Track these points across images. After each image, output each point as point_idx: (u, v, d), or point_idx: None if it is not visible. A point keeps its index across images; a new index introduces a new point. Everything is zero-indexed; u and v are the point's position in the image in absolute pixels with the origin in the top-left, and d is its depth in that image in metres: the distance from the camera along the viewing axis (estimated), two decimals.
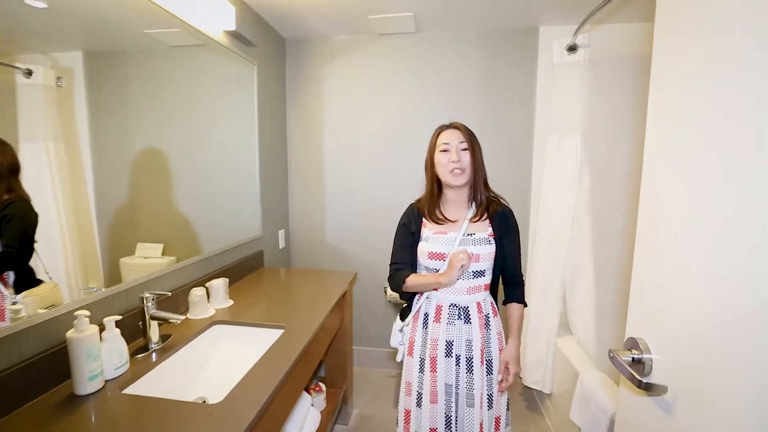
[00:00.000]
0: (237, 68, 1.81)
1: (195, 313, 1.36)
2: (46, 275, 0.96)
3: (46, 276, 0.96)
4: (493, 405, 1.22)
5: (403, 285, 1.23)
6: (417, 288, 1.24)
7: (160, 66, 1.37)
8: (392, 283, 1.28)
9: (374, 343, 2.50)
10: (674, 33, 0.66)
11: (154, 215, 1.36)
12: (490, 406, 1.22)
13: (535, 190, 2.18)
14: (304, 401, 1.53)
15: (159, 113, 1.36)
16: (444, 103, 2.22)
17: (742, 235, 0.52)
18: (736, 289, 0.52)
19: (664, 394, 0.66)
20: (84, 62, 1.07)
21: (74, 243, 1.05)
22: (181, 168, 1.47)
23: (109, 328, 0.97)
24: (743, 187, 0.51)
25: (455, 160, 1.17)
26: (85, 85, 1.07)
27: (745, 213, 0.51)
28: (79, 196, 1.07)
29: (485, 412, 1.21)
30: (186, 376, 1.16)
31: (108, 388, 0.93)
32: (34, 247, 0.93)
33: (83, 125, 1.08)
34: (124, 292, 1.16)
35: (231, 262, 1.77)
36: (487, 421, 1.21)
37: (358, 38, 2.25)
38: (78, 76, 1.06)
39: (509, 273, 1.28)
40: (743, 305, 0.51)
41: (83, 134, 1.08)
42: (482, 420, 1.20)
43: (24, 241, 0.91)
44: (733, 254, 0.53)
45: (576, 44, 1.82)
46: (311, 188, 2.43)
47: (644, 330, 0.74)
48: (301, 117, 2.38)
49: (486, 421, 1.21)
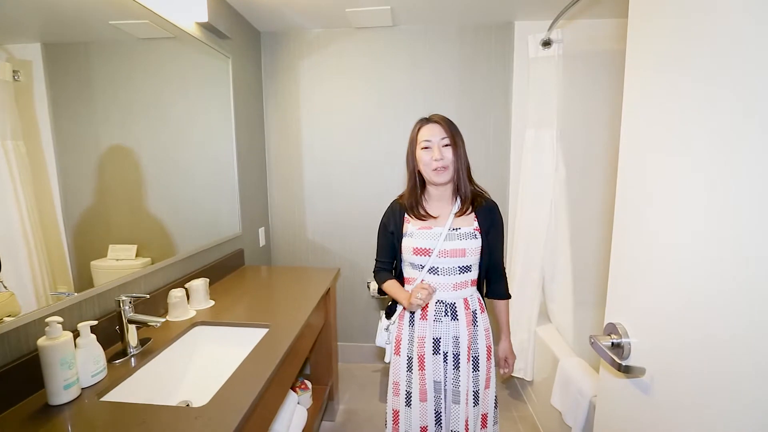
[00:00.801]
0: (211, 62, 1.75)
1: (175, 315, 1.32)
2: (0, 284, 0.89)
3: (0, 285, 0.89)
4: (479, 402, 1.21)
5: (382, 286, 1.32)
6: (390, 295, 1.30)
7: (128, 59, 1.30)
8: (375, 278, 1.35)
9: (358, 339, 2.50)
10: (646, 26, 0.69)
11: (125, 215, 1.31)
12: (476, 403, 1.21)
13: (514, 182, 2.23)
14: (291, 399, 1.52)
15: (128, 109, 1.30)
16: (422, 97, 2.23)
17: (715, 220, 0.54)
18: (710, 273, 0.55)
19: (642, 376, 0.69)
20: (43, 54, 1.00)
21: (39, 247, 0.99)
22: (153, 166, 1.41)
23: (83, 333, 0.93)
24: (715, 172, 0.54)
25: (438, 158, 1.15)
26: (45, 79, 1.01)
27: (717, 198, 0.54)
28: (43, 196, 1.01)
29: (470, 408, 1.20)
30: (168, 380, 1.12)
31: (85, 396, 0.89)
32: None
33: (45, 122, 1.02)
34: (98, 296, 1.11)
35: (210, 262, 1.73)
36: (472, 418, 1.20)
37: (335, 32, 2.22)
38: (37, 70, 0.99)
39: (492, 266, 1.28)
40: (717, 288, 0.54)
41: (45, 131, 1.02)
42: (467, 417, 1.19)
43: None
44: (707, 239, 0.56)
45: (550, 39, 1.86)
46: (291, 184, 2.40)
47: (623, 315, 0.76)
48: (279, 111, 2.34)
49: (471, 418, 1.20)
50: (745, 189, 0.50)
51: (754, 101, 0.48)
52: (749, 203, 0.49)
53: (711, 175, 0.54)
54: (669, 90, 0.63)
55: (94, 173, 1.17)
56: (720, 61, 0.53)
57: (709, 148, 0.55)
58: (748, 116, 0.49)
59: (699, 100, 0.56)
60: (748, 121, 0.49)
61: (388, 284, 1.29)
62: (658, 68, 0.65)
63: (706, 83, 0.55)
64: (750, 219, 0.49)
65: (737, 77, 0.50)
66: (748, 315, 0.50)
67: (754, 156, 0.48)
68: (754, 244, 0.49)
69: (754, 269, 0.49)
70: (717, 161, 0.53)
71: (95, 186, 1.18)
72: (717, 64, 0.53)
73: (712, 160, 0.54)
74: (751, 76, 0.49)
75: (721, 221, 0.53)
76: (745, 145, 0.49)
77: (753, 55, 0.48)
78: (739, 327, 0.51)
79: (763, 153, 0.47)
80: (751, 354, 0.49)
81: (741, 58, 0.50)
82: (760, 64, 0.47)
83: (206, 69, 1.72)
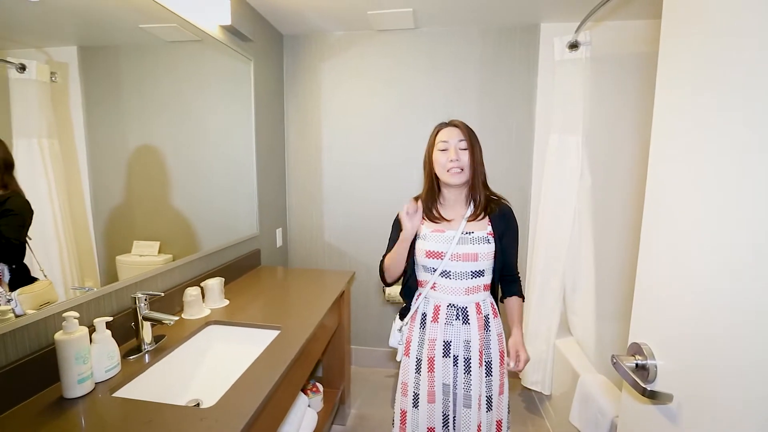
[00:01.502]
0: (233, 64, 1.78)
1: (190, 313, 1.34)
2: (40, 273, 0.94)
3: (41, 273, 0.94)
4: (492, 408, 1.20)
5: (384, 271, 1.29)
6: (393, 261, 1.25)
7: (156, 62, 1.34)
8: (380, 274, 1.33)
9: (372, 343, 2.48)
10: (681, 31, 0.64)
11: (150, 213, 1.34)
12: (489, 408, 1.19)
13: (536, 188, 2.16)
14: (301, 402, 1.52)
15: (155, 109, 1.34)
16: (443, 101, 2.20)
17: (748, 238, 0.49)
18: (743, 293, 0.50)
19: (669, 403, 0.64)
20: (79, 57, 1.05)
21: (69, 240, 1.03)
22: (177, 165, 1.45)
23: (99, 329, 0.95)
24: (751, 189, 0.49)
25: (454, 159, 1.15)
26: (80, 81, 1.06)
27: (752, 216, 0.49)
28: (74, 192, 1.05)
29: (483, 414, 1.19)
30: (180, 378, 1.13)
31: (98, 391, 0.91)
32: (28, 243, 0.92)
33: (78, 121, 1.06)
34: (115, 292, 1.14)
35: (227, 261, 1.75)
36: (485, 424, 1.18)
37: (357, 34, 2.22)
38: (73, 72, 1.04)
39: (506, 270, 1.27)
40: (751, 309, 0.49)
41: (78, 130, 1.06)
42: (480, 422, 1.18)
43: (23, 236, 0.90)
44: (740, 258, 0.51)
45: (578, 41, 1.79)
46: (309, 186, 2.41)
47: (648, 335, 0.71)
48: (299, 114, 2.35)
49: (485, 424, 1.18)
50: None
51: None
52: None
53: (748, 192, 0.50)
54: (705, 98, 0.58)
55: (121, 171, 1.21)
56: (756, 66, 0.48)
57: (748, 164, 0.50)
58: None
59: (740, 109, 0.52)
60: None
61: (388, 256, 1.28)
62: (694, 71, 0.61)
63: (750, 88, 0.50)
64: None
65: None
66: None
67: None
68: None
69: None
70: (755, 177, 0.49)
71: (122, 183, 1.22)
72: (753, 70, 0.49)
73: (749, 176, 0.49)
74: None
75: (757, 240, 0.48)
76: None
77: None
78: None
79: None
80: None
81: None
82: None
83: (229, 71, 1.75)
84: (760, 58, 0.49)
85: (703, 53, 0.59)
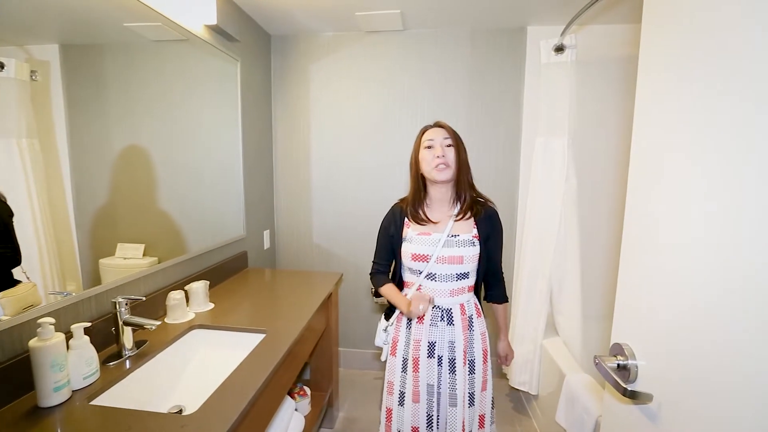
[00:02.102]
0: (220, 64, 1.76)
1: (173, 317, 1.32)
2: (23, 275, 0.92)
3: (24, 276, 0.92)
4: (474, 403, 1.23)
5: (378, 289, 1.33)
6: (388, 299, 1.31)
7: (141, 61, 1.32)
8: (372, 280, 1.36)
9: (361, 345, 2.47)
10: (661, 31, 0.65)
11: (135, 215, 1.32)
12: (471, 404, 1.23)
13: (523, 190, 2.18)
14: (288, 406, 1.50)
15: (140, 109, 1.32)
16: (432, 102, 2.20)
17: (729, 239, 0.50)
18: (724, 295, 0.51)
19: (649, 403, 0.64)
20: (61, 56, 1.03)
21: (50, 243, 1.01)
22: (162, 166, 1.42)
23: (77, 335, 0.92)
24: (732, 190, 0.50)
25: (440, 155, 1.17)
26: (62, 80, 1.03)
27: (733, 217, 0.50)
28: (55, 194, 1.03)
29: (466, 410, 1.22)
30: (162, 384, 1.11)
31: (75, 399, 0.88)
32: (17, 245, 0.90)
33: (60, 121, 1.03)
34: (95, 296, 1.11)
35: (213, 264, 1.72)
36: (468, 419, 1.22)
37: (345, 35, 2.21)
38: (54, 70, 1.02)
39: (491, 272, 1.30)
40: (731, 310, 0.50)
41: (60, 130, 1.04)
42: (464, 418, 1.20)
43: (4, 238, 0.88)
44: (721, 259, 0.51)
45: (563, 45, 1.82)
46: (298, 187, 2.39)
47: (629, 335, 0.72)
48: (287, 115, 2.33)
49: (467, 419, 1.21)
50: (765, 207, 0.46)
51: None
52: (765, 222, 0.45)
53: (729, 193, 0.51)
54: (685, 99, 0.59)
55: (106, 172, 1.19)
56: (734, 66, 0.49)
57: (728, 163, 0.51)
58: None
59: (720, 109, 0.53)
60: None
61: (386, 288, 1.30)
62: (673, 72, 0.62)
63: (730, 88, 0.51)
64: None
65: (750, 83, 0.47)
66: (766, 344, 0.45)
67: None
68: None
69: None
70: (737, 177, 0.49)
71: (106, 184, 1.19)
72: (731, 70, 0.50)
73: (731, 176, 0.50)
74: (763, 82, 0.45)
75: (737, 241, 0.49)
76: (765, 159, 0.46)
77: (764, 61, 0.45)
78: (757, 357, 0.47)
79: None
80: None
81: (753, 63, 0.46)
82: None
83: (215, 71, 1.73)
84: (739, 58, 0.50)
85: (681, 53, 0.60)
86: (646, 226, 0.68)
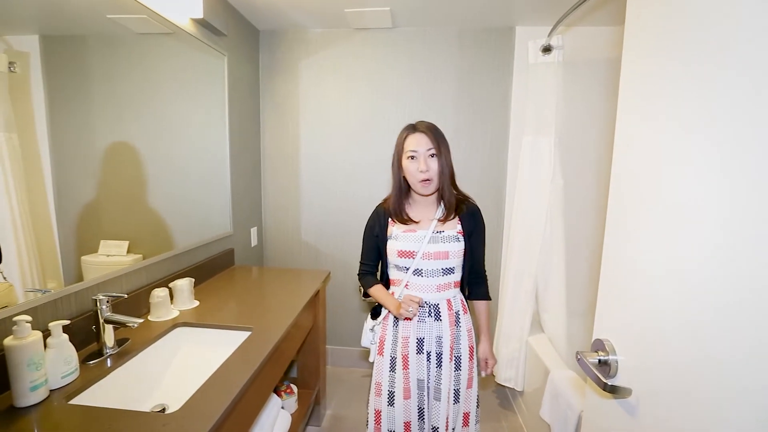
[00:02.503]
0: (206, 59, 1.73)
1: (157, 315, 1.29)
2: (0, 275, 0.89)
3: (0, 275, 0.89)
4: (459, 400, 1.24)
5: (367, 290, 1.32)
6: (377, 300, 1.30)
7: (125, 54, 1.29)
8: (360, 281, 1.36)
9: (349, 342, 2.47)
10: (643, 33, 0.66)
11: (118, 211, 1.29)
12: (456, 401, 1.24)
13: (510, 189, 2.20)
14: (274, 404, 1.49)
15: (123, 104, 1.29)
16: (421, 100, 2.20)
17: (706, 237, 0.51)
18: (700, 292, 0.52)
19: (628, 397, 0.66)
20: (41, 47, 1.00)
21: (30, 240, 0.98)
22: (147, 161, 1.40)
23: (55, 333, 0.90)
24: (710, 187, 0.51)
25: (423, 170, 1.16)
26: (42, 72, 1.00)
27: (710, 216, 0.51)
28: (35, 189, 1.00)
29: (451, 406, 1.22)
30: (144, 383, 1.09)
31: (53, 399, 0.86)
32: None
33: (41, 114, 1.01)
34: (75, 294, 1.08)
35: (199, 261, 1.70)
36: (452, 416, 1.23)
37: (335, 32, 2.20)
38: (35, 62, 0.99)
39: (473, 270, 1.30)
40: (707, 307, 0.51)
41: (41, 124, 1.01)
42: (448, 414, 1.21)
43: None
44: (698, 256, 0.53)
45: (551, 45, 1.83)
46: (286, 184, 2.37)
47: (610, 331, 0.74)
48: (276, 111, 2.31)
49: (452, 415, 1.22)
50: (739, 206, 0.47)
51: (752, 109, 0.45)
52: (741, 221, 0.46)
53: (707, 190, 0.52)
54: (666, 98, 0.60)
55: (89, 167, 1.16)
56: (713, 72, 0.50)
57: (706, 161, 0.52)
58: (748, 126, 0.46)
59: (699, 108, 0.54)
60: (747, 131, 0.46)
61: (375, 289, 1.30)
62: (653, 72, 0.63)
63: (709, 86, 0.52)
64: (745, 237, 0.46)
65: (730, 84, 0.48)
66: (739, 337, 0.47)
67: (751, 170, 0.46)
68: (746, 263, 0.46)
69: (748, 290, 0.46)
70: (715, 175, 0.51)
71: (89, 180, 1.17)
72: (711, 74, 0.51)
73: (709, 174, 0.52)
74: (746, 84, 0.46)
75: (715, 240, 0.50)
76: (745, 162, 0.47)
77: (748, 61, 0.46)
78: (729, 349, 0.48)
79: (760, 167, 0.45)
80: (740, 378, 0.46)
81: (736, 63, 0.47)
82: (756, 70, 0.45)
83: (201, 66, 1.70)
84: (719, 59, 0.51)
85: (666, 48, 0.61)
86: (626, 224, 0.69)
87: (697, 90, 0.53)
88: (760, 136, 0.44)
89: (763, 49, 0.44)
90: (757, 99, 0.45)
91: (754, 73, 0.45)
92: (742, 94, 0.47)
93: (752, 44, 0.46)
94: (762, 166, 0.44)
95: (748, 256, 0.46)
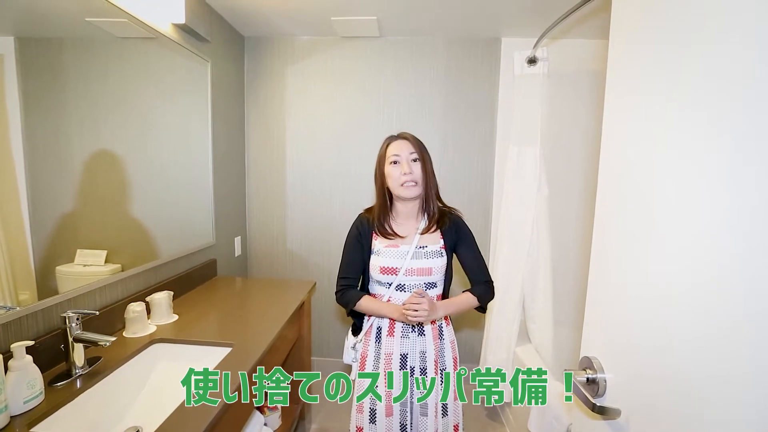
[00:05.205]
0: (188, 65, 1.69)
1: (132, 330, 1.24)
2: None
3: None
4: (449, 413, 1.23)
5: (354, 306, 1.22)
6: (371, 312, 1.22)
7: (104, 59, 1.25)
8: (340, 299, 1.25)
9: (335, 354, 2.43)
10: (627, 47, 0.66)
11: (96, 220, 1.25)
12: (445, 414, 1.22)
13: (497, 198, 2.20)
14: (256, 421, 1.44)
15: (104, 109, 1.25)
16: (408, 109, 2.20)
17: (695, 253, 0.51)
18: (690, 310, 0.51)
19: (617, 418, 0.64)
20: (16, 48, 0.96)
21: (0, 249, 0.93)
22: (127, 168, 1.35)
23: (17, 355, 0.84)
24: (698, 201, 0.50)
25: (407, 172, 1.15)
26: (17, 75, 0.96)
27: (699, 230, 0.50)
28: (8, 196, 0.96)
29: (440, 420, 1.21)
30: (117, 404, 1.04)
31: (15, 426, 0.81)
32: None
33: (15, 118, 0.97)
34: (42, 311, 1.03)
35: (179, 273, 1.64)
36: (442, 429, 1.21)
37: (321, 40, 2.19)
38: (9, 64, 0.95)
39: (476, 275, 1.23)
40: (697, 326, 0.50)
41: (15, 128, 0.97)
42: (437, 428, 1.19)
43: None
44: (687, 273, 0.52)
45: (536, 57, 1.85)
46: (271, 193, 2.33)
47: (598, 349, 0.72)
48: (261, 118, 2.28)
49: (441, 429, 1.21)
50: (726, 224, 0.46)
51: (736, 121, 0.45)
52: (731, 239, 0.46)
53: (696, 204, 0.51)
54: (651, 110, 0.60)
55: (65, 174, 1.12)
56: (697, 81, 0.50)
57: (695, 173, 0.51)
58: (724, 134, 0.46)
59: (684, 120, 0.53)
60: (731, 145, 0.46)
61: (365, 301, 1.21)
62: (639, 82, 0.62)
63: (694, 96, 0.52)
64: (733, 254, 0.45)
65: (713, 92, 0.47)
66: (731, 356, 0.46)
67: (738, 188, 0.45)
68: (737, 279, 0.45)
69: (740, 306, 0.45)
70: (702, 188, 0.50)
71: (66, 187, 1.12)
72: (706, 76, 0.50)
73: (696, 187, 0.51)
74: (726, 97, 0.45)
75: (705, 255, 0.49)
76: (732, 180, 0.46)
77: (727, 72, 0.45)
78: (721, 369, 0.47)
79: (744, 179, 0.44)
80: (733, 399, 0.45)
81: (715, 72, 0.47)
82: (735, 82, 0.44)
83: (184, 71, 1.66)
84: (704, 63, 0.50)
85: (648, 62, 0.61)
86: (613, 239, 0.68)
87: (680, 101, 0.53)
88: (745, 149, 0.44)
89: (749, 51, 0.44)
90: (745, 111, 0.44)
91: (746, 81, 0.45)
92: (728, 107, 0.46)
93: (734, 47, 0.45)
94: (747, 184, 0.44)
95: (737, 273, 0.45)
